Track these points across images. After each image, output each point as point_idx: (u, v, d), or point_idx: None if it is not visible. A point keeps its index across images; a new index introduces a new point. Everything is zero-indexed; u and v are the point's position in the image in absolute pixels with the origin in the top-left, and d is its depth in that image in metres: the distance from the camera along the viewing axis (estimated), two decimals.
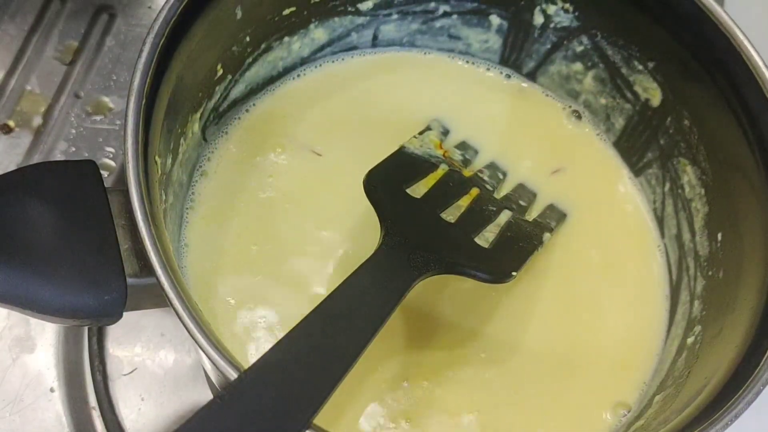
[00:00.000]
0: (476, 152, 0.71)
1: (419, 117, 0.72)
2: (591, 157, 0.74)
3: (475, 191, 0.66)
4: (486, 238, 0.63)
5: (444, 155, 0.69)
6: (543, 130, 0.74)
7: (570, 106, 0.74)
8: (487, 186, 0.68)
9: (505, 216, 0.66)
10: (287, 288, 0.64)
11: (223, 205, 0.66)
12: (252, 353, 0.61)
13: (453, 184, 0.66)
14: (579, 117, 0.74)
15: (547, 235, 0.67)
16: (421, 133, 0.69)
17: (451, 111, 0.73)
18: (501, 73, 0.76)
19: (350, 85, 0.73)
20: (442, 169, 0.66)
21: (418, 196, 0.63)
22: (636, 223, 0.71)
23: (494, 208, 0.66)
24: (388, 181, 0.62)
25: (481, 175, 0.69)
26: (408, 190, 0.63)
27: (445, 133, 0.72)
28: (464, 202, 0.65)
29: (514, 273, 0.61)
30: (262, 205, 0.67)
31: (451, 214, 0.63)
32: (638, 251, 0.70)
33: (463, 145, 0.71)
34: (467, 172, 0.68)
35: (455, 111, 0.73)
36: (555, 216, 0.70)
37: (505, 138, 0.73)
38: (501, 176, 0.70)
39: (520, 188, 0.70)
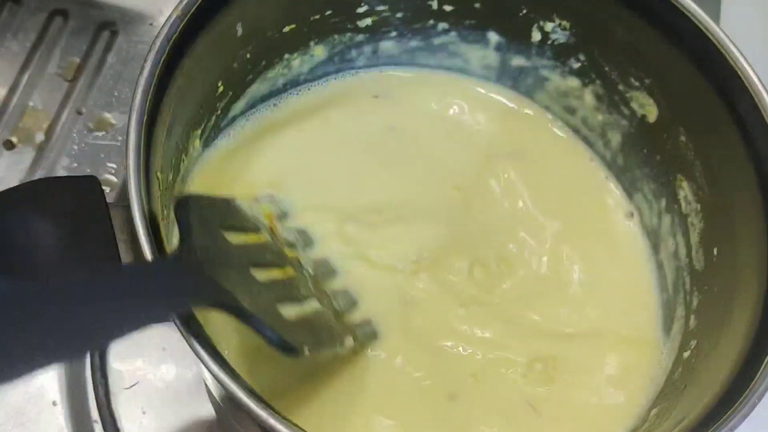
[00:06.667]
0: (312, 243, 0.66)
1: (415, 132, 0.72)
2: (585, 174, 0.74)
3: (290, 270, 0.60)
4: (287, 313, 0.56)
5: (270, 229, 0.63)
6: (537, 147, 0.74)
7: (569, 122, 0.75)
8: (306, 273, 0.63)
9: (314, 305, 0.60)
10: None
11: None
12: (253, 366, 0.61)
13: (271, 253, 0.60)
14: (576, 132, 0.75)
15: (349, 340, 0.61)
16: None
17: (447, 126, 0.73)
18: (498, 89, 0.76)
19: (348, 102, 0.74)
20: (265, 236, 0.61)
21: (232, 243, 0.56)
22: (632, 238, 0.71)
23: (306, 294, 0.60)
24: (205, 210, 0.55)
25: (304, 264, 0.64)
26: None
27: (282, 216, 0.67)
28: (277, 275, 0.59)
29: (306, 348, 0.54)
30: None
31: (260, 276, 0.56)
32: (634, 267, 0.70)
33: (301, 232, 0.66)
34: (290, 253, 0.63)
35: (452, 126, 0.73)
36: (367, 330, 0.64)
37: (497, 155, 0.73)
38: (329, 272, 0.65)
39: (343, 293, 0.65)
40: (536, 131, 0.75)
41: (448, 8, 0.72)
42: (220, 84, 0.66)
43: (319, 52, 0.72)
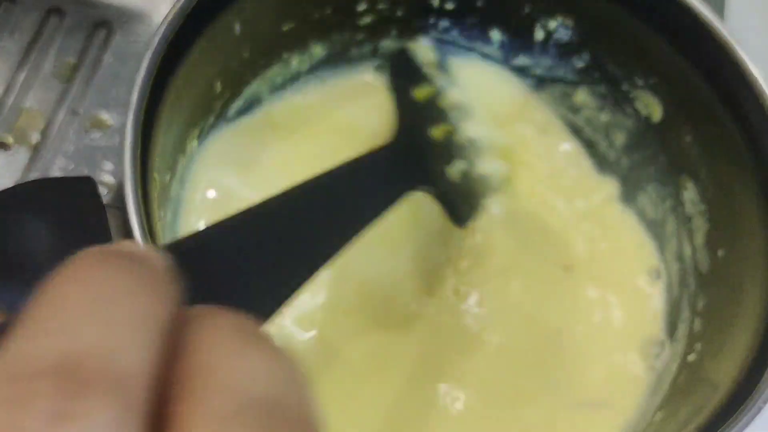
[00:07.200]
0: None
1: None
2: (588, 175, 0.74)
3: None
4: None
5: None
6: (540, 150, 0.74)
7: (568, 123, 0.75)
8: None
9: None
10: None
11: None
12: None
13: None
14: (576, 133, 0.74)
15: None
16: None
17: None
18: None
19: (350, 98, 0.73)
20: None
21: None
22: (636, 240, 0.71)
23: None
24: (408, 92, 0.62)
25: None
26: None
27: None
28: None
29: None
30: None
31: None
32: (638, 269, 0.70)
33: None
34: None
35: None
36: None
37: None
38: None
39: None
40: (536, 133, 0.75)
41: (449, 6, 0.71)
42: (218, 83, 0.65)
43: (318, 50, 0.72)
